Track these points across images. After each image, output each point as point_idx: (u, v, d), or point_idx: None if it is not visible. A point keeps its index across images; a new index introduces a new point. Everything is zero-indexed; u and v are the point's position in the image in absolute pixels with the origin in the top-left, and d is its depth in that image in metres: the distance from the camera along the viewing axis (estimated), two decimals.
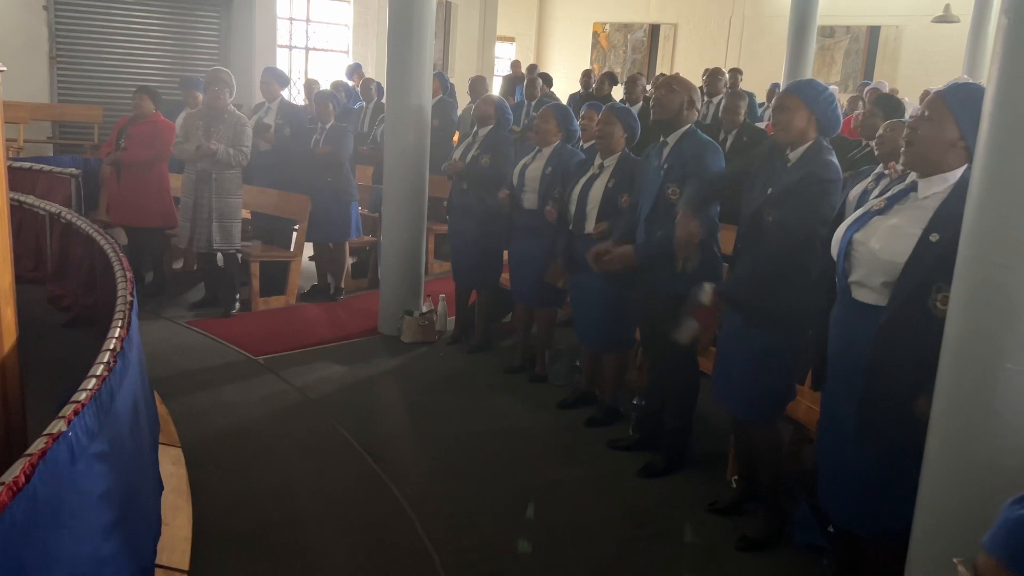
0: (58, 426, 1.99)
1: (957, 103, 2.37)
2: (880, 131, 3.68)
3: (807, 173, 2.97)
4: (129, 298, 3.15)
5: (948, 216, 2.30)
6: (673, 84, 3.81)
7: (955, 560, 0.97)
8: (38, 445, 1.89)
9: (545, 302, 5.00)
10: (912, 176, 2.50)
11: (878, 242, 2.43)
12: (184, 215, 5.96)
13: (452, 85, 9.43)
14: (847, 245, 2.52)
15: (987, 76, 1.99)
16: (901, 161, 2.52)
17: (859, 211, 2.59)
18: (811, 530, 3.31)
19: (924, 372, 2.27)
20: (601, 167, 4.28)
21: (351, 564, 3.15)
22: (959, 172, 2.38)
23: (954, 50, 12.22)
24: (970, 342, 2.01)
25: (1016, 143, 1.90)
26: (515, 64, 12.68)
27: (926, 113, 2.41)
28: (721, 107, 6.56)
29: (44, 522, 1.79)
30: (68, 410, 2.07)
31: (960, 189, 2.31)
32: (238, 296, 6.16)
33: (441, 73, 8.60)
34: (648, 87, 8.63)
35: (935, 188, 2.40)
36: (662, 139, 3.82)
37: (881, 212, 2.49)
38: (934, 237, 2.31)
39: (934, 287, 2.29)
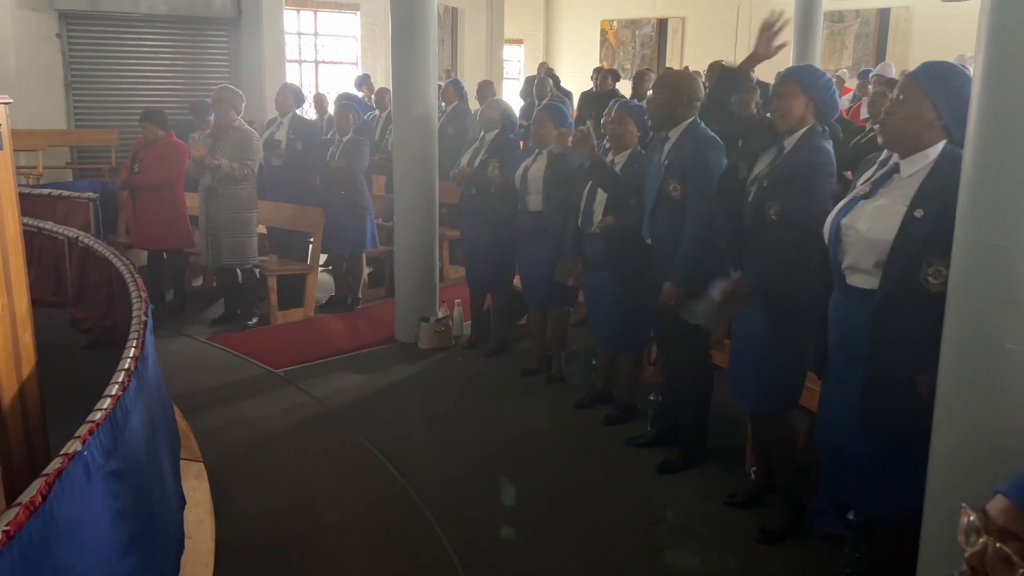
0: (73, 446, 2.03)
1: (930, 83, 2.41)
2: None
3: (799, 163, 2.97)
4: (143, 318, 3.20)
5: (931, 191, 2.35)
6: (658, 85, 3.83)
7: (963, 505, 0.98)
8: (54, 465, 1.94)
9: (555, 302, 5.01)
10: (894, 158, 2.52)
11: (865, 223, 2.46)
12: (201, 232, 6.05)
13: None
14: (836, 231, 2.55)
15: (975, 59, 1.98)
16: (880, 143, 2.56)
17: (846, 198, 2.62)
18: (831, 519, 3.28)
19: (923, 349, 2.31)
20: (611, 164, 4.28)
21: (374, 572, 3.18)
22: (939, 148, 2.42)
23: (966, 29, 12.05)
24: (970, 324, 2.01)
25: (1006, 124, 1.89)
26: (542, 66, 12.75)
27: (901, 96, 2.44)
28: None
29: (61, 540, 1.83)
30: (83, 430, 2.12)
31: (941, 165, 2.37)
32: (256, 310, 6.22)
33: (456, 80, 8.63)
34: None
35: (917, 166, 2.44)
36: (665, 135, 3.83)
37: (867, 196, 2.52)
38: (919, 213, 2.34)
39: (924, 262, 2.33)
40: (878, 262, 2.43)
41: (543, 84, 8.70)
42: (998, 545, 0.90)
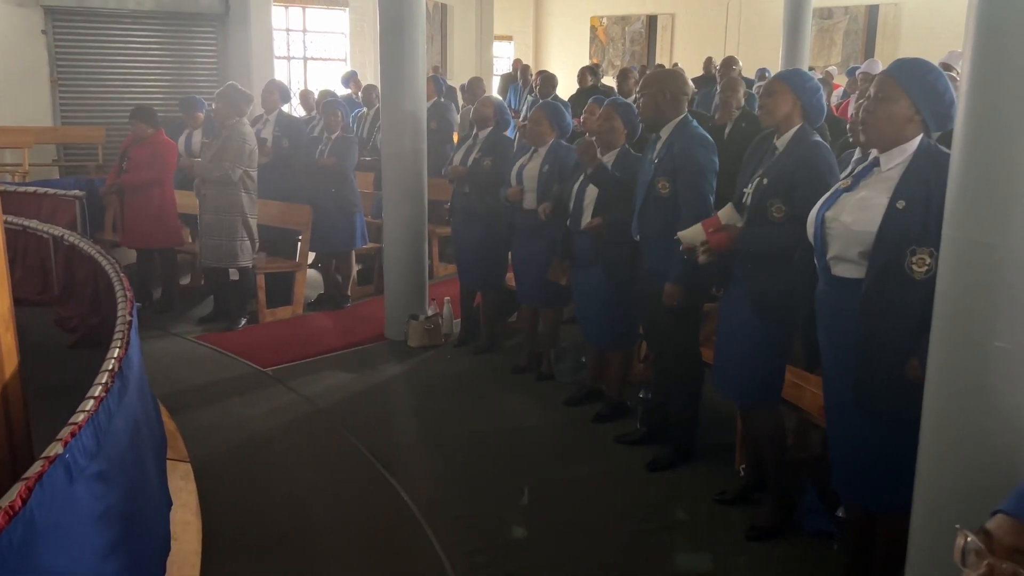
0: (55, 448, 2.01)
1: (907, 79, 2.48)
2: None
3: (801, 161, 2.98)
4: (128, 318, 3.17)
5: (911, 183, 2.43)
6: (643, 86, 3.85)
7: (958, 527, 0.96)
8: (35, 468, 1.91)
9: (550, 301, 4.99)
10: (874, 152, 2.58)
11: (849, 215, 2.52)
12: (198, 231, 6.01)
13: (451, 87, 9.42)
14: (821, 224, 2.60)
15: (963, 55, 1.97)
16: (861, 140, 2.62)
17: (828, 192, 2.65)
18: (820, 516, 3.31)
19: (911, 335, 2.38)
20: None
21: (362, 572, 3.16)
22: (915, 142, 2.49)
23: (955, 25, 12.08)
24: (959, 322, 2.00)
25: (994, 121, 1.89)
26: (516, 62, 12.67)
27: (879, 94, 2.50)
28: (717, 98, 6.53)
29: (42, 544, 1.81)
30: (65, 432, 2.09)
31: (919, 157, 2.45)
32: (247, 309, 6.18)
33: (436, 76, 8.59)
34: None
35: (896, 159, 2.50)
36: (657, 134, 3.82)
37: (848, 189, 2.58)
38: (901, 204, 2.41)
39: (908, 251, 2.39)
40: (863, 252, 2.49)
41: (548, 82, 8.57)
42: (1005, 565, 0.88)
